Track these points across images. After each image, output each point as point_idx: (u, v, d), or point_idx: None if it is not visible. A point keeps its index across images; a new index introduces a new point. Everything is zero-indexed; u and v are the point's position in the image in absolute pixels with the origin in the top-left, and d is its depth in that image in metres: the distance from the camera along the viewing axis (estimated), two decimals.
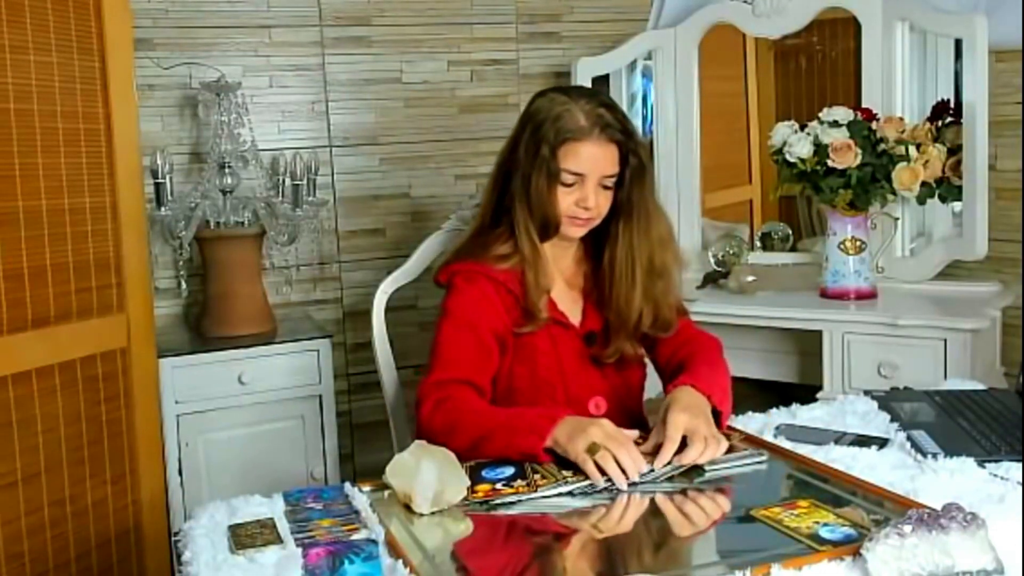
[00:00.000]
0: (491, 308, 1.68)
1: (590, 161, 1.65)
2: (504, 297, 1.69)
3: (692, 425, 1.45)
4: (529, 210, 1.68)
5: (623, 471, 1.37)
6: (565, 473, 1.40)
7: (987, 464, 1.40)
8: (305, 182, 2.66)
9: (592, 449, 1.39)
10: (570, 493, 1.37)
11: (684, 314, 1.83)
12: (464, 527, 1.31)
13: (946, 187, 2.52)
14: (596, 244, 1.77)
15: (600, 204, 1.68)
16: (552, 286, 1.72)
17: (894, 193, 2.50)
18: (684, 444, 1.45)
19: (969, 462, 1.40)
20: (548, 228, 1.69)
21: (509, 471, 1.42)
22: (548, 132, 1.65)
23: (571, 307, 1.75)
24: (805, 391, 2.39)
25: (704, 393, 1.55)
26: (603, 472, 1.38)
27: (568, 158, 1.64)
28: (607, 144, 1.66)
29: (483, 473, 1.42)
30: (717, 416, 1.56)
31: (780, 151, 2.54)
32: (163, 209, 2.55)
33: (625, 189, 1.70)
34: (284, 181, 2.71)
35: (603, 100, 1.70)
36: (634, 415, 1.76)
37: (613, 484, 1.38)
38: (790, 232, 2.99)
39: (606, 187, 1.68)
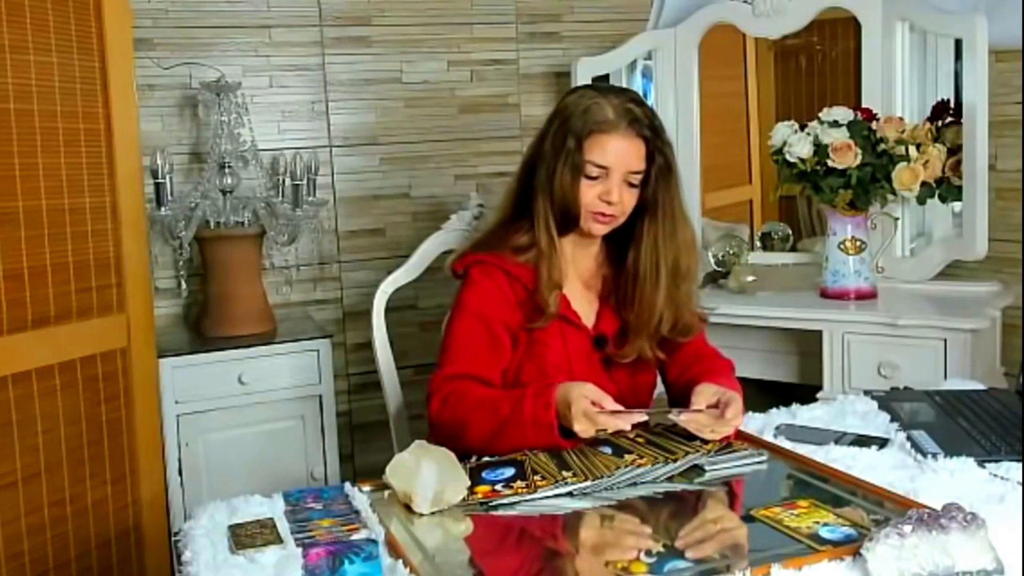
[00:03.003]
0: (504, 302, 1.68)
1: (615, 154, 1.64)
2: (518, 292, 1.69)
3: (726, 397, 1.53)
4: (551, 201, 1.68)
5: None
6: (565, 474, 1.40)
7: (987, 464, 1.40)
8: (305, 182, 2.66)
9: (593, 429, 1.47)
10: (570, 494, 1.37)
11: (703, 321, 1.81)
12: (464, 527, 1.31)
13: (946, 187, 2.52)
14: (618, 247, 1.76)
15: (624, 201, 1.67)
16: (564, 282, 1.71)
17: (894, 193, 2.50)
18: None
19: (969, 462, 1.40)
20: (568, 221, 1.68)
21: (509, 472, 1.43)
22: (575, 124, 1.65)
23: (586, 309, 1.75)
24: (805, 391, 2.39)
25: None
26: (603, 470, 1.39)
27: (594, 150, 1.64)
28: (634, 139, 1.65)
29: (483, 474, 1.43)
30: None
31: (780, 151, 2.54)
32: (163, 209, 2.55)
33: (651, 187, 1.69)
34: (284, 181, 2.71)
35: (633, 96, 1.71)
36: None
37: (616, 484, 1.38)
38: (790, 232, 2.99)
39: (631, 184, 1.67)
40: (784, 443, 1.54)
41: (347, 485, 1.42)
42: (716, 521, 1.29)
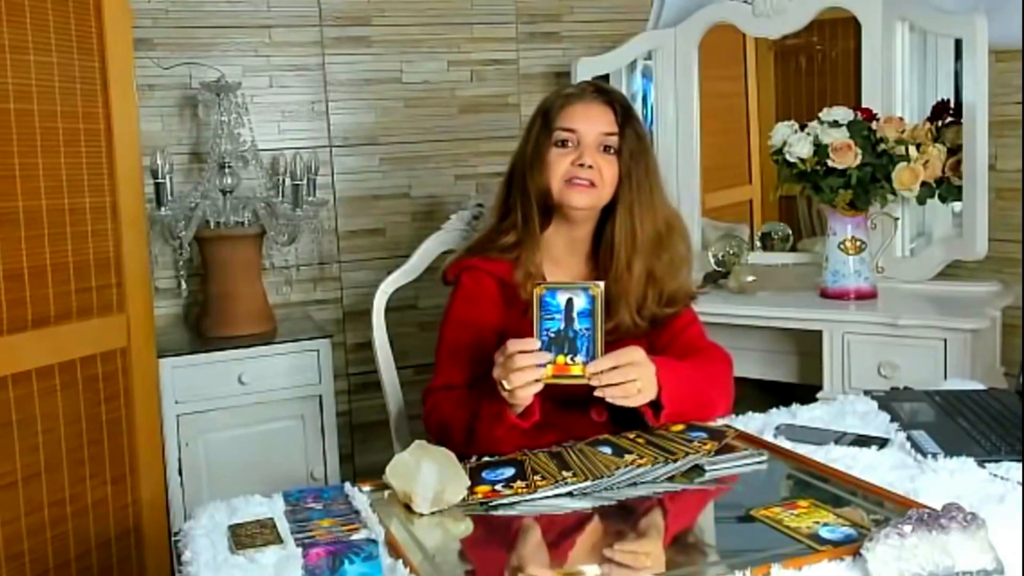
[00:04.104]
0: (494, 307, 1.69)
1: (583, 117, 1.67)
2: (507, 295, 1.69)
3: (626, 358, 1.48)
4: (527, 185, 1.69)
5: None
6: (565, 474, 1.40)
7: (987, 464, 1.40)
8: (305, 182, 2.66)
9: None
10: (570, 494, 1.37)
11: (692, 299, 1.81)
12: (464, 527, 1.31)
13: (946, 187, 2.52)
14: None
15: (601, 167, 1.67)
16: (542, 260, 1.71)
17: (894, 193, 2.50)
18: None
19: (969, 462, 1.40)
20: (546, 199, 1.68)
21: (509, 472, 1.43)
22: (543, 105, 1.73)
23: None
24: (805, 391, 2.38)
25: (658, 378, 1.53)
26: (603, 470, 1.38)
27: (560, 118, 1.68)
28: (601, 104, 1.69)
29: (483, 474, 1.43)
30: (657, 409, 1.55)
31: (780, 151, 2.54)
32: (163, 209, 2.55)
33: (625, 160, 1.69)
34: (284, 181, 2.71)
35: (601, 82, 1.79)
36: (638, 423, 1.74)
37: (616, 483, 1.38)
38: (790, 232, 2.99)
39: (607, 149, 1.68)
40: (784, 443, 1.54)
41: (347, 485, 1.42)
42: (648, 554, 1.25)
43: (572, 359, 1.47)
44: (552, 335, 1.47)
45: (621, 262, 1.70)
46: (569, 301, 1.48)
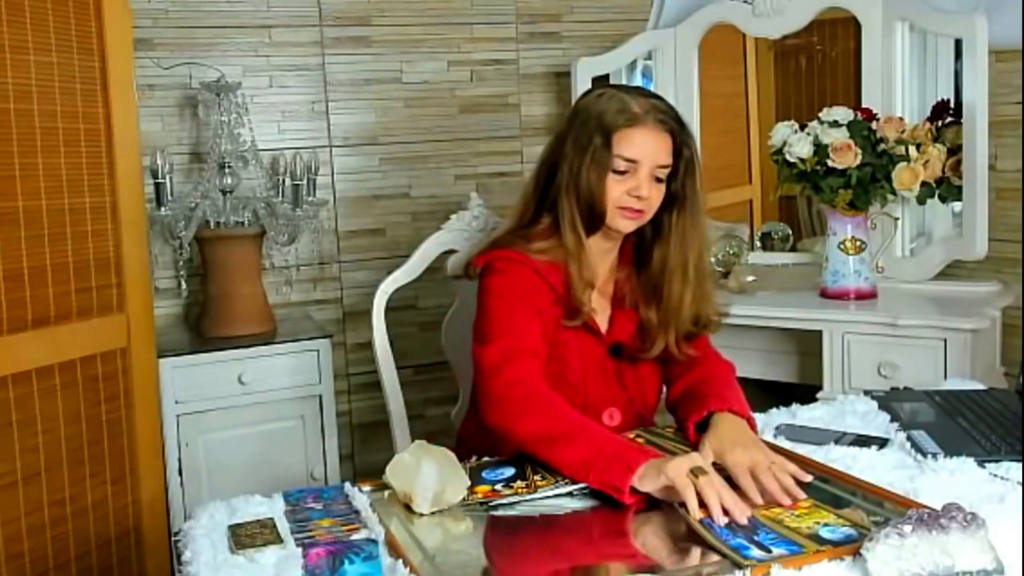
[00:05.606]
0: (536, 292, 1.63)
1: (644, 147, 1.61)
2: (546, 290, 1.64)
3: (751, 460, 1.37)
4: (577, 200, 1.63)
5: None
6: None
7: (987, 464, 1.40)
8: (305, 182, 2.66)
9: (696, 472, 1.28)
10: (569, 494, 1.37)
11: (720, 316, 1.76)
12: (464, 527, 1.31)
13: (946, 187, 2.52)
14: (635, 248, 1.74)
15: (652, 196, 1.64)
16: (596, 281, 1.68)
17: (894, 193, 2.50)
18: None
19: (969, 462, 1.40)
20: (594, 219, 1.64)
21: (509, 472, 1.43)
22: (602, 119, 1.62)
23: (600, 316, 1.71)
24: (805, 391, 2.38)
25: (743, 416, 1.54)
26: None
27: (622, 144, 1.61)
28: (662, 133, 1.63)
29: (483, 474, 1.43)
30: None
31: (780, 151, 2.54)
32: (163, 209, 2.55)
33: (679, 180, 1.67)
34: (284, 181, 2.71)
35: (653, 93, 1.70)
36: (646, 425, 1.73)
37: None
38: (790, 232, 2.99)
39: (659, 179, 1.64)
40: (784, 443, 1.54)
41: (347, 485, 1.42)
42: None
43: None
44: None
45: (674, 290, 1.68)
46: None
